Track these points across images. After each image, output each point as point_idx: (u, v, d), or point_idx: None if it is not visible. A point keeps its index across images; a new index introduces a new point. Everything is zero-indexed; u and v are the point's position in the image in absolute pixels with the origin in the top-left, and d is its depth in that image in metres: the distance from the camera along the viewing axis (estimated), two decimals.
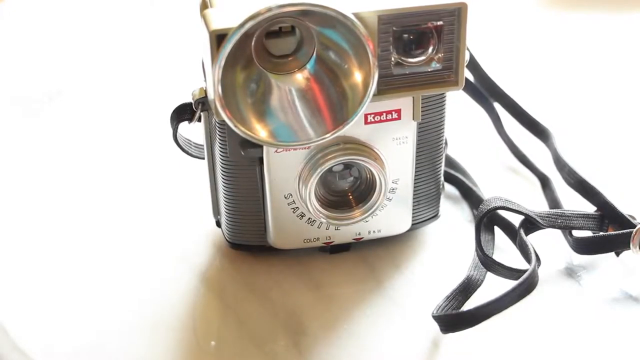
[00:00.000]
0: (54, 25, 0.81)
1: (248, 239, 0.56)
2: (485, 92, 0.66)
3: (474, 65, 0.64)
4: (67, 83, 0.74)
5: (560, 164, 0.60)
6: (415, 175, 0.55)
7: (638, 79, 0.73)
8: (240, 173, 0.53)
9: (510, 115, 0.65)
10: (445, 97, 0.54)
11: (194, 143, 0.57)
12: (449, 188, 0.61)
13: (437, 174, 0.56)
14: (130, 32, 0.83)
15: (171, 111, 0.53)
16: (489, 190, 0.60)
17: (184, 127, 0.54)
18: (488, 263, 0.53)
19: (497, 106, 0.66)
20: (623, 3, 0.83)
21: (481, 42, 0.63)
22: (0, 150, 0.68)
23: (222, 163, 0.53)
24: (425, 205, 0.57)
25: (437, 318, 0.51)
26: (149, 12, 0.86)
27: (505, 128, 0.65)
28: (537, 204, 0.59)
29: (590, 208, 0.56)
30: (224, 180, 0.54)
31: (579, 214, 0.55)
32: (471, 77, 0.65)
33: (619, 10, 0.82)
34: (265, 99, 0.49)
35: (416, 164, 0.55)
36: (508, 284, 0.50)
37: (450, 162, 0.62)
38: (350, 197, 0.54)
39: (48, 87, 0.74)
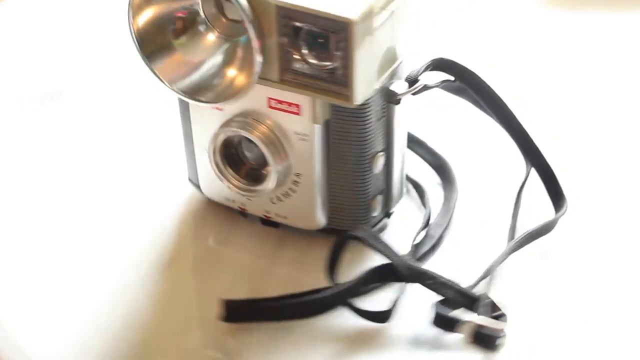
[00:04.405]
0: (54, 25, 0.81)
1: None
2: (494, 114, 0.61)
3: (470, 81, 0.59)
4: (67, 83, 0.74)
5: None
6: (331, 179, 0.54)
7: (638, 79, 0.73)
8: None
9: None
10: (368, 113, 0.52)
11: None
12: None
13: (364, 186, 0.54)
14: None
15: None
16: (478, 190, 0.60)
17: (175, 119, 0.55)
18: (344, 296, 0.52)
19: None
20: (623, 3, 0.83)
21: (481, 42, 0.63)
22: (0, 150, 0.68)
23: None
24: (352, 210, 0.55)
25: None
26: None
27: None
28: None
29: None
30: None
31: (454, 286, 0.51)
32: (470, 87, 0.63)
33: (619, 10, 0.82)
34: (191, 51, 0.51)
35: (333, 169, 0.54)
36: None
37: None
38: (249, 170, 0.55)
39: (48, 87, 0.74)
